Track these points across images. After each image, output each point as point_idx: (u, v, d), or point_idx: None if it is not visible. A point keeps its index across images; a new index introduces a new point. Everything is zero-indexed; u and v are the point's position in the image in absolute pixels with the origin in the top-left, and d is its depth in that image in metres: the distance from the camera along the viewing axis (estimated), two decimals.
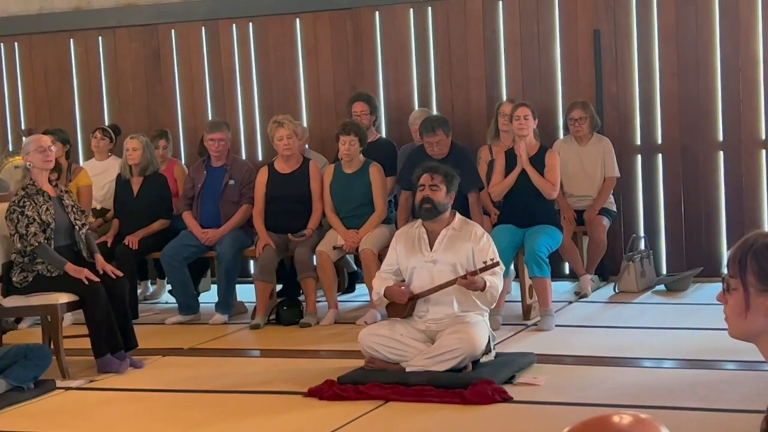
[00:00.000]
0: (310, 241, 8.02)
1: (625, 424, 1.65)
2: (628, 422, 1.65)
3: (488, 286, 5.97)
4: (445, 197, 6.19)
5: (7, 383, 6.00)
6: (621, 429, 1.65)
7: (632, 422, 1.66)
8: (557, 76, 9.08)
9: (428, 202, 6.16)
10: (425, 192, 6.17)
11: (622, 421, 1.66)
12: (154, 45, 10.10)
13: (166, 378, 6.48)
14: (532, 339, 7.03)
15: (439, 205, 6.16)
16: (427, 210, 6.17)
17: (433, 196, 6.15)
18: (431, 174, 6.22)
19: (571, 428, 1.67)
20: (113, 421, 5.59)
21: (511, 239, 7.45)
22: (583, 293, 8.33)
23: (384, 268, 6.35)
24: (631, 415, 1.67)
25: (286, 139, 8.10)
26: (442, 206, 6.18)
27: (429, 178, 6.21)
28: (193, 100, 10.04)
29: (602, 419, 1.67)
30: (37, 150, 6.81)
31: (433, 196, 6.15)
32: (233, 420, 5.49)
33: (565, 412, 5.27)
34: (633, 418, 1.66)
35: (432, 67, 9.38)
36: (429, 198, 6.15)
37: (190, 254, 8.28)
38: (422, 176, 6.26)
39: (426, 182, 6.20)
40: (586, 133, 8.52)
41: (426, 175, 6.24)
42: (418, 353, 5.96)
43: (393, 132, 9.31)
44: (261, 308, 7.96)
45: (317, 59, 9.67)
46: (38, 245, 6.63)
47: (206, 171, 8.42)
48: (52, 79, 10.44)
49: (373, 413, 5.45)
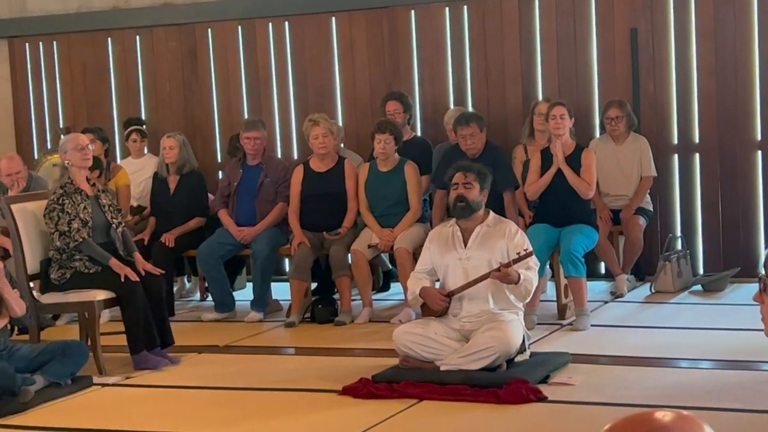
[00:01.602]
0: (345, 239, 8.03)
1: (667, 420, 1.65)
2: (671, 419, 1.65)
3: (522, 279, 5.95)
4: (478, 195, 6.18)
5: (44, 379, 6.05)
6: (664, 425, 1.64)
7: (675, 419, 1.65)
8: (594, 75, 9.04)
9: (462, 200, 6.16)
10: (459, 190, 6.18)
11: (665, 418, 1.65)
12: (190, 44, 10.15)
13: (201, 375, 6.51)
14: (568, 338, 7.01)
15: (473, 203, 6.16)
16: (461, 208, 6.17)
17: (466, 194, 6.15)
18: (464, 172, 6.22)
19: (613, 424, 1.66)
20: (149, 418, 5.62)
21: (547, 239, 7.42)
22: (619, 293, 8.29)
23: (418, 269, 6.35)
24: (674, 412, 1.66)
25: (321, 137, 8.12)
26: (476, 204, 6.17)
27: (462, 176, 6.20)
28: (229, 98, 10.08)
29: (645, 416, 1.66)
30: (75, 149, 6.87)
31: (466, 194, 6.15)
32: (268, 417, 5.51)
33: (600, 412, 5.25)
34: (676, 414, 1.65)
35: (467, 66, 9.37)
36: (463, 196, 6.15)
37: (225, 252, 8.31)
38: (455, 175, 6.26)
39: (459, 180, 6.20)
40: (623, 132, 8.47)
41: (459, 173, 6.24)
42: (452, 352, 5.95)
43: (428, 131, 9.31)
44: (296, 306, 7.99)
45: (353, 58, 9.68)
46: (83, 240, 6.69)
47: (242, 169, 8.45)
48: (90, 78, 10.52)
49: (407, 412, 5.45)
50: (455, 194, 6.20)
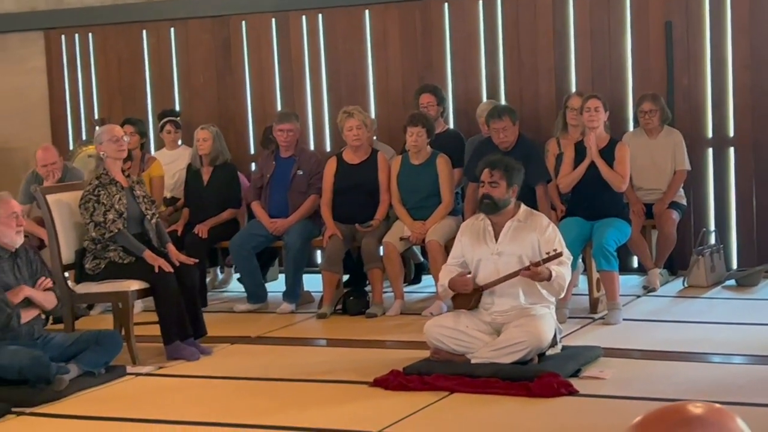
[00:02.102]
0: (377, 231, 8.05)
1: (699, 412, 1.65)
2: (702, 411, 1.65)
3: (554, 276, 5.93)
4: (505, 193, 6.15)
5: (78, 368, 6.11)
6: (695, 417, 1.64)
7: (707, 411, 1.65)
8: (628, 68, 9.00)
9: (488, 198, 6.13)
10: (484, 189, 6.15)
11: (697, 410, 1.65)
12: (224, 36, 10.19)
13: (233, 366, 6.55)
14: (599, 332, 6.99)
15: (499, 201, 6.14)
16: (486, 205, 6.15)
17: (492, 192, 6.12)
18: (490, 170, 6.17)
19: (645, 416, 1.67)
20: (181, 407, 5.66)
21: (579, 232, 7.41)
22: (652, 287, 8.26)
23: (450, 261, 6.35)
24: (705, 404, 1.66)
25: (355, 129, 8.13)
26: (503, 202, 6.15)
27: (488, 174, 6.16)
28: (262, 90, 10.12)
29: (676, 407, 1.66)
30: (110, 140, 6.92)
31: (492, 192, 6.12)
32: (299, 408, 5.54)
33: (631, 406, 5.23)
34: (708, 407, 1.65)
35: (500, 59, 9.35)
36: (488, 194, 6.13)
37: (258, 243, 8.35)
38: (483, 171, 6.22)
39: (485, 179, 6.16)
40: (657, 126, 8.43)
41: (486, 171, 6.19)
42: (483, 345, 5.96)
43: (461, 124, 9.30)
44: (328, 298, 8.01)
45: (386, 51, 9.68)
46: (118, 231, 6.75)
47: (275, 161, 8.48)
48: (125, 70, 10.58)
49: (438, 404, 5.47)
50: (481, 192, 6.18)
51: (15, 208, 6.10)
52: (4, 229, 6.02)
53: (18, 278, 6.11)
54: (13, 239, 6.06)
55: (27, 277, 6.16)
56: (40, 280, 6.20)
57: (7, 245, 6.06)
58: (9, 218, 6.03)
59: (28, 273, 6.18)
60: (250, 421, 5.30)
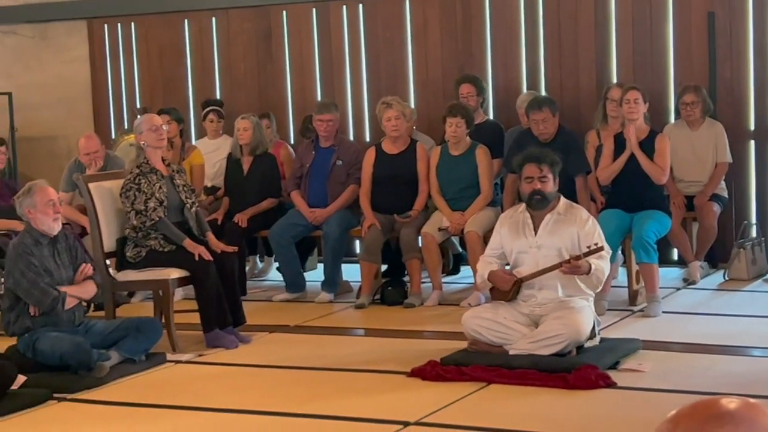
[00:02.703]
0: (416, 222, 8.06)
1: (732, 407, 1.64)
2: (736, 406, 1.64)
3: (593, 269, 5.91)
4: (553, 186, 6.14)
5: (119, 355, 6.17)
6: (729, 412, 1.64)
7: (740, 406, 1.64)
8: (669, 60, 8.94)
9: (539, 194, 6.09)
10: (535, 185, 6.09)
11: (730, 405, 1.65)
12: (265, 26, 10.23)
13: (272, 354, 6.59)
14: (638, 325, 6.97)
15: (549, 195, 6.12)
16: (537, 201, 6.10)
17: (543, 188, 6.09)
18: (539, 165, 6.11)
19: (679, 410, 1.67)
20: (220, 395, 5.71)
21: (619, 224, 7.38)
22: (692, 280, 8.22)
23: (488, 252, 6.35)
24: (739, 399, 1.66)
25: (394, 120, 8.14)
26: (552, 196, 6.14)
27: (537, 169, 6.09)
28: (302, 80, 10.15)
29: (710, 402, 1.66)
30: (150, 129, 6.97)
31: (543, 188, 6.09)
32: (336, 397, 5.56)
33: (670, 399, 5.21)
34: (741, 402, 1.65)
35: (541, 50, 9.32)
36: (540, 191, 6.09)
37: (297, 233, 8.39)
38: (528, 166, 6.13)
39: (535, 174, 6.09)
40: (698, 118, 8.37)
41: (533, 166, 6.11)
42: (521, 337, 5.95)
43: (501, 114, 9.28)
44: (366, 288, 8.04)
45: (426, 41, 9.68)
46: (159, 219, 6.80)
47: (314, 151, 8.51)
48: (166, 59, 10.65)
49: (475, 395, 5.47)
50: (530, 188, 6.09)
51: (52, 195, 6.18)
52: (41, 217, 6.10)
53: (58, 264, 6.18)
54: (51, 226, 6.14)
55: (67, 263, 6.24)
56: (82, 267, 6.27)
57: (46, 232, 6.14)
58: (46, 206, 6.11)
59: (68, 259, 6.26)
60: (288, 410, 5.33)
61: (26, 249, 6.06)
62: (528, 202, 6.16)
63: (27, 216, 6.15)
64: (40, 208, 6.09)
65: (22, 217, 6.24)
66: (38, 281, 6.01)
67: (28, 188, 6.21)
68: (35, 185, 6.22)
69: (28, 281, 6.01)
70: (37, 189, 6.16)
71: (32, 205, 6.11)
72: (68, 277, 6.22)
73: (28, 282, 6.01)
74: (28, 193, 6.15)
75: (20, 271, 6.03)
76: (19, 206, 6.19)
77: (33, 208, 6.10)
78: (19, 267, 6.04)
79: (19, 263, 6.04)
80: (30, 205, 6.11)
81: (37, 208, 6.10)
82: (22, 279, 6.02)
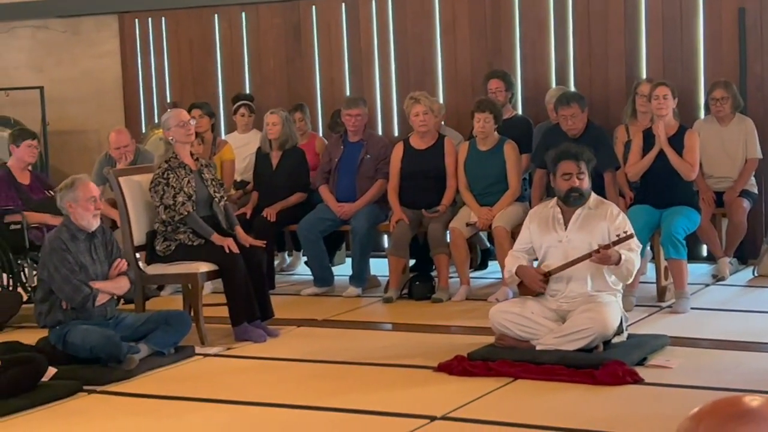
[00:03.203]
0: (444, 217, 8.06)
1: (755, 405, 1.64)
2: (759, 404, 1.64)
3: (623, 260, 5.88)
4: (588, 183, 6.14)
5: (148, 348, 6.22)
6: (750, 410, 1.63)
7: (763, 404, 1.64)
8: (699, 55, 8.89)
9: (576, 191, 6.08)
10: (573, 182, 6.07)
11: (753, 403, 1.64)
12: (294, 21, 10.26)
13: (300, 348, 6.62)
14: (666, 321, 6.95)
15: (586, 192, 6.12)
16: (575, 198, 6.09)
17: (581, 185, 6.09)
18: (577, 162, 6.09)
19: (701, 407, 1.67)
20: (248, 388, 5.74)
21: (648, 220, 7.35)
22: (721, 276, 8.18)
23: (517, 247, 6.34)
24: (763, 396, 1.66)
25: (422, 115, 8.15)
26: (589, 193, 6.14)
27: (575, 166, 6.07)
28: (331, 75, 10.17)
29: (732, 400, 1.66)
30: (178, 125, 7.01)
31: (581, 185, 6.09)
32: (363, 391, 5.58)
33: (698, 395, 5.20)
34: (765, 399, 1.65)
35: (570, 45, 9.29)
36: (578, 188, 6.08)
37: (325, 227, 8.41)
38: (565, 162, 6.10)
39: (573, 171, 6.07)
40: (728, 114, 8.33)
41: (571, 163, 6.09)
42: (548, 332, 5.95)
43: (529, 110, 9.26)
44: (394, 282, 8.05)
45: (455, 36, 9.68)
46: (188, 214, 6.84)
47: (343, 146, 8.53)
48: (196, 54, 10.70)
49: (502, 390, 5.48)
50: (569, 185, 6.07)
51: (94, 191, 6.22)
52: (82, 212, 6.14)
53: (94, 259, 6.23)
54: (90, 222, 6.18)
55: (103, 258, 6.28)
56: (116, 263, 6.31)
57: (84, 227, 6.18)
58: (87, 201, 6.15)
59: (104, 254, 6.30)
60: (315, 403, 5.36)
61: (61, 244, 6.11)
62: (565, 199, 6.12)
63: (67, 210, 6.18)
64: (82, 203, 6.13)
65: (61, 210, 6.27)
66: (71, 278, 6.06)
67: (70, 182, 6.23)
68: (78, 180, 6.25)
69: (61, 276, 6.07)
70: (79, 184, 6.19)
71: (74, 199, 6.14)
72: (103, 272, 6.27)
73: (61, 277, 6.07)
74: (71, 188, 6.17)
75: (54, 266, 6.08)
76: (60, 199, 6.22)
77: (74, 203, 6.14)
78: (53, 261, 6.09)
79: (53, 258, 6.09)
80: (71, 199, 6.15)
81: (78, 202, 6.13)
82: (56, 274, 6.08)
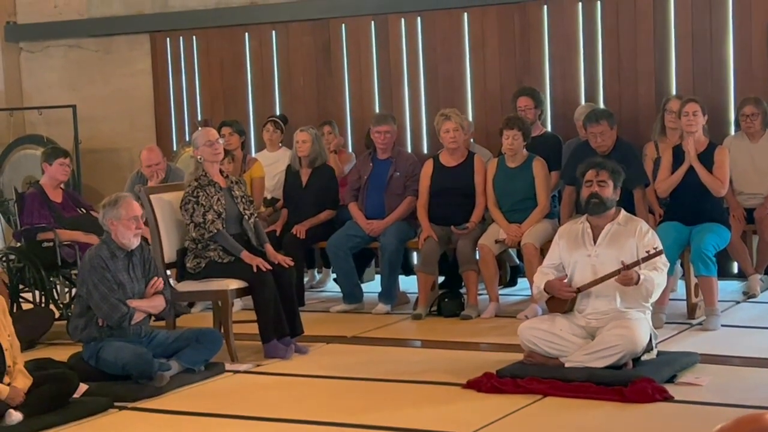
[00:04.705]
0: (473, 234, 8.07)
1: None
2: None
3: (642, 279, 5.88)
4: (612, 193, 6.16)
5: (179, 365, 6.26)
6: None
7: None
8: (729, 72, 8.87)
9: (596, 198, 6.12)
10: (593, 188, 6.14)
11: None
12: (324, 39, 10.32)
13: (329, 365, 6.64)
14: (696, 338, 6.91)
15: (607, 200, 6.13)
16: (594, 204, 6.13)
17: (600, 192, 6.12)
18: (597, 170, 6.19)
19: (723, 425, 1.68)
20: (278, 405, 5.76)
21: (677, 237, 7.34)
22: (752, 293, 8.13)
23: (546, 263, 6.35)
24: None
25: (452, 131, 8.17)
26: (610, 202, 6.15)
27: (595, 173, 6.17)
28: (361, 93, 10.22)
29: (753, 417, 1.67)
30: (206, 144, 7.06)
31: (600, 192, 6.12)
32: (392, 408, 5.59)
33: (728, 413, 5.16)
34: None
35: (600, 62, 9.30)
36: (597, 193, 6.12)
37: (354, 244, 8.44)
38: (588, 172, 6.23)
39: (593, 178, 6.16)
40: (758, 130, 8.29)
41: (592, 170, 6.21)
42: (577, 349, 5.95)
43: (559, 127, 9.27)
44: (423, 299, 8.06)
45: (484, 53, 9.70)
46: (217, 232, 6.89)
47: (372, 163, 8.56)
48: (227, 72, 10.78)
49: (531, 407, 5.48)
50: (589, 192, 6.16)
51: (137, 211, 6.26)
52: (123, 230, 6.19)
53: (132, 277, 6.28)
54: (131, 240, 6.23)
55: (140, 276, 6.33)
56: (153, 281, 6.36)
57: (124, 245, 6.23)
58: (130, 221, 6.20)
59: (142, 272, 6.35)
60: (344, 420, 5.37)
61: (101, 262, 6.16)
62: (585, 206, 6.18)
63: (109, 226, 6.23)
64: (124, 222, 6.19)
65: (102, 226, 6.31)
66: (109, 296, 6.12)
67: (114, 199, 6.27)
68: (122, 198, 6.29)
69: (99, 294, 6.12)
70: (123, 202, 6.24)
71: (116, 216, 6.19)
72: (140, 290, 6.32)
73: (100, 295, 6.12)
74: (114, 205, 6.22)
75: (93, 284, 6.13)
76: (102, 216, 6.26)
77: (116, 220, 6.19)
78: (92, 279, 6.14)
79: (93, 275, 6.14)
80: (114, 216, 6.20)
81: (120, 220, 6.19)
82: (95, 291, 6.13)
